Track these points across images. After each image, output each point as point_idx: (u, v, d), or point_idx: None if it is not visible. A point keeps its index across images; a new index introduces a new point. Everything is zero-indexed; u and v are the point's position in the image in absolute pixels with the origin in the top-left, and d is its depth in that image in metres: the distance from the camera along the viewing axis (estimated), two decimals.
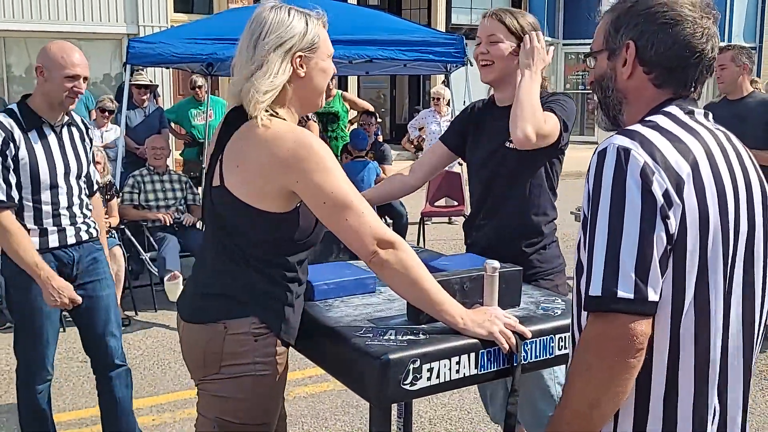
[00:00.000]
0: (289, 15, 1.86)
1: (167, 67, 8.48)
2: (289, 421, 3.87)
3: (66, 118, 3.08)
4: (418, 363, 1.71)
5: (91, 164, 3.24)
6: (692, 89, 1.43)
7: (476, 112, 2.68)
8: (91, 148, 3.23)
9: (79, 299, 2.98)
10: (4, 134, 2.87)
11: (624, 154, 1.28)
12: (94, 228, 3.20)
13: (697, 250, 1.29)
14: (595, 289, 1.27)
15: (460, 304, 1.84)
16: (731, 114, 4.56)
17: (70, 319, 5.50)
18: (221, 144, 1.92)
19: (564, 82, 19.88)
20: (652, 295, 1.25)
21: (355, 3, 13.20)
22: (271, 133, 1.82)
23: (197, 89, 8.25)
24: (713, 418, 1.37)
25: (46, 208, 2.98)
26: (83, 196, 3.15)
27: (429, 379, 1.73)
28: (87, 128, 3.24)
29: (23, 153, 2.91)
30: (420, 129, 9.23)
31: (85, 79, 2.99)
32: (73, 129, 3.13)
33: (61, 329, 5.27)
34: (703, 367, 1.34)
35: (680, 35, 1.38)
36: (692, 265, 1.30)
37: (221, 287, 1.91)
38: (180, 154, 8.81)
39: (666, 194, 1.26)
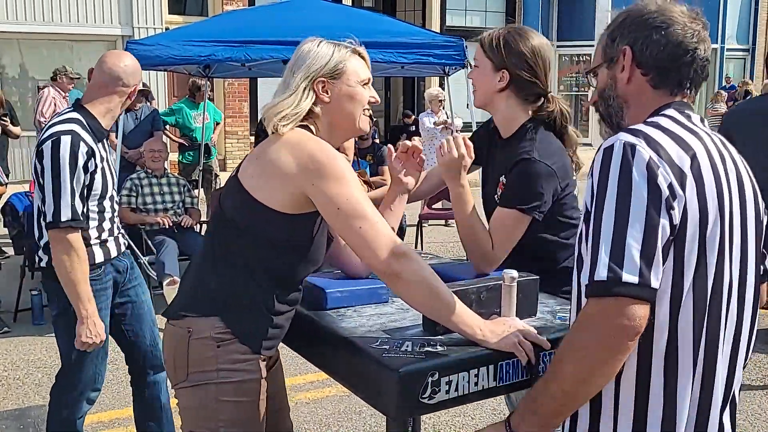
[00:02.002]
0: (318, 46, 1.96)
1: (165, 70, 8.43)
2: None
3: None
4: (436, 376, 1.68)
5: None
6: (688, 90, 1.51)
7: (490, 132, 2.48)
8: None
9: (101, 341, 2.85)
10: (87, 149, 2.77)
11: (630, 149, 1.34)
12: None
13: (696, 242, 1.35)
14: (601, 274, 1.30)
15: (477, 315, 1.81)
16: None
17: None
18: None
19: (558, 83, 19.91)
20: (654, 282, 1.30)
21: (350, 4, 13.18)
22: (295, 138, 1.86)
23: (199, 92, 8.20)
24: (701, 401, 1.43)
25: (105, 216, 2.94)
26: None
27: (448, 392, 1.70)
28: None
29: (99, 165, 2.84)
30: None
31: None
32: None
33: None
34: (697, 356, 1.41)
35: (672, 36, 1.47)
36: (690, 257, 1.35)
37: (194, 284, 1.94)
38: (178, 157, 8.65)
39: (670, 187, 1.32)
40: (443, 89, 8.85)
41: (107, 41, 12.40)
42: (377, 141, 8.48)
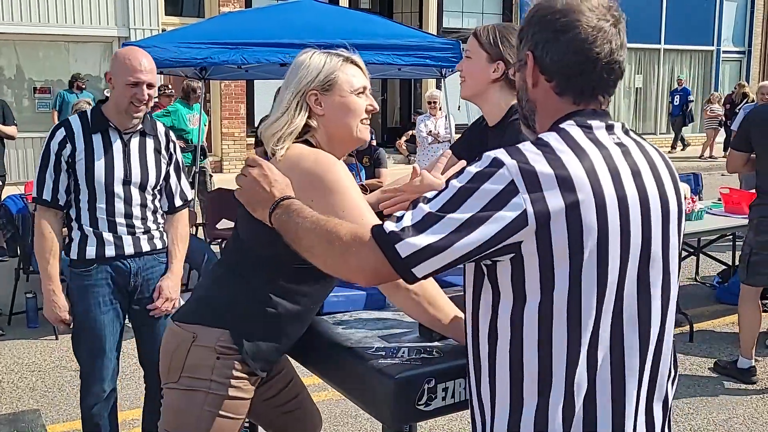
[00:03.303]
0: (310, 57, 1.95)
1: (160, 72, 8.40)
2: None
3: (140, 126, 2.98)
4: (432, 383, 1.67)
5: (175, 178, 3.13)
6: (594, 97, 1.42)
7: (482, 127, 2.50)
8: (170, 163, 3.10)
9: (67, 321, 2.99)
10: (64, 134, 2.87)
11: (496, 165, 1.30)
12: (160, 239, 3.09)
13: (567, 269, 1.30)
14: (390, 227, 1.31)
15: None
16: None
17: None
18: None
19: None
20: (421, 271, 1.30)
21: (347, 6, 13.18)
22: (292, 157, 1.87)
23: (194, 94, 8.19)
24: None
25: (101, 215, 2.92)
26: (147, 208, 3.02)
27: (444, 399, 1.69)
28: (169, 142, 3.10)
29: (80, 155, 2.87)
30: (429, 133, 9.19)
31: (150, 86, 2.88)
32: (148, 139, 3.01)
33: (54, 337, 5.24)
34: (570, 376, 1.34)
35: (572, 42, 1.38)
36: (588, 274, 1.31)
37: (209, 293, 1.95)
38: None
39: (522, 215, 1.27)
40: (440, 90, 8.83)
41: (104, 42, 12.38)
42: (374, 143, 8.46)
